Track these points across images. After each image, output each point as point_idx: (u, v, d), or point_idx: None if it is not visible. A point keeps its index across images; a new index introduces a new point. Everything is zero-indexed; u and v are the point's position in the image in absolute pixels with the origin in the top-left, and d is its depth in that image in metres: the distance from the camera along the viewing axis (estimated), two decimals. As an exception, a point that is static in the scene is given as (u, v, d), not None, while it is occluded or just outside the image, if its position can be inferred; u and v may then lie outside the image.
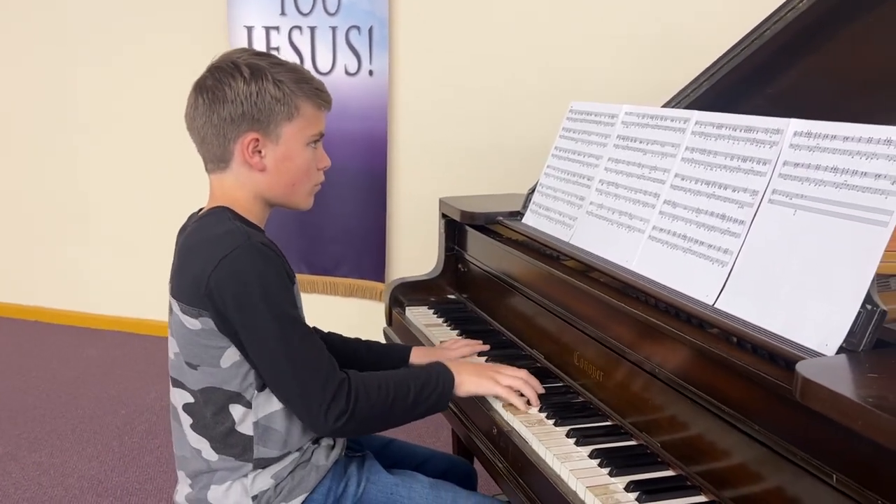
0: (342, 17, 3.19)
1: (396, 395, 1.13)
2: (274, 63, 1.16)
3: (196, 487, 1.16)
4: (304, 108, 1.17)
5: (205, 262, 1.08)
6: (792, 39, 1.32)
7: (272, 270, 1.08)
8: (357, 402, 1.09)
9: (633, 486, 1.01)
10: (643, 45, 2.76)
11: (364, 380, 1.12)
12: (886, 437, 0.68)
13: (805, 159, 1.00)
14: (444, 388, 1.19)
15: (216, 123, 1.14)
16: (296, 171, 1.19)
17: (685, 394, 1.04)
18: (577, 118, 1.57)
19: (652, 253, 1.21)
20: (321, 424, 1.08)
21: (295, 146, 1.17)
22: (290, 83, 1.15)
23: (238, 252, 1.07)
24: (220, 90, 1.13)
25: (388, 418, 1.15)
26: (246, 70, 1.13)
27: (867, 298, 0.85)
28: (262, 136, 1.15)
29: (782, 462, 0.87)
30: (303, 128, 1.17)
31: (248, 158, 1.15)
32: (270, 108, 1.13)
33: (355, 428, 1.11)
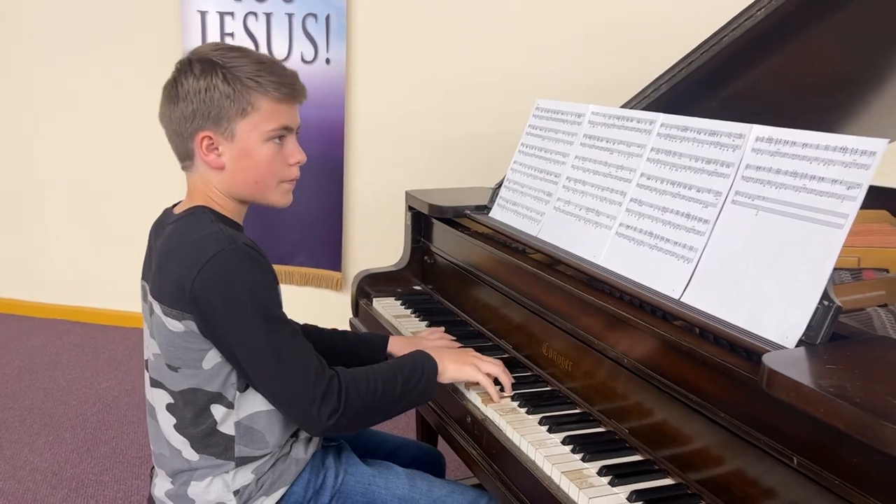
0: (299, 5, 3.17)
1: (385, 388, 1.15)
2: (234, 57, 1.13)
3: (176, 484, 1.17)
4: (258, 103, 1.13)
5: (189, 265, 1.07)
6: (747, 46, 1.39)
7: (259, 272, 1.09)
8: (348, 398, 1.10)
9: (605, 470, 1.06)
10: (601, 41, 2.83)
11: (353, 376, 1.13)
12: (845, 424, 0.75)
13: (766, 163, 1.06)
14: (429, 376, 1.21)
15: (174, 121, 1.14)
16: (255, 168, 1.16)
17: (652, 382, 1.10)
18: (543, 116, 1.61)
19: (619, 248, 1.27)
20: (314, 423, 1.09)
21: (252, 142, 1.14)
22: (244, 78, 1.11)
23: (224, 255, 1.07)
24: (175, 87, 1.12)
25: (379, 412, 1.17)
26: (198, 66, 1.12)
27: (824, 295, 0.92)
28: (214, 133, 1.13)
29: (744, 445, 0.94)
30: (258, 123, 1.14)
31: (205, 157, 1.14)
32: (220, 105, 1.11)
33: (348, 424, 1.12)
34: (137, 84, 3.38)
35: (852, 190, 0.94)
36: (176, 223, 1.17)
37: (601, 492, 1.02)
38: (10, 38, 3.52)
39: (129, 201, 3.55)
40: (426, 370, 1.21)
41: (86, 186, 3.59)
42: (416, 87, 3.13)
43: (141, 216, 3.56)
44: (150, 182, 3.49)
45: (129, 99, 3.43)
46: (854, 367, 0.85)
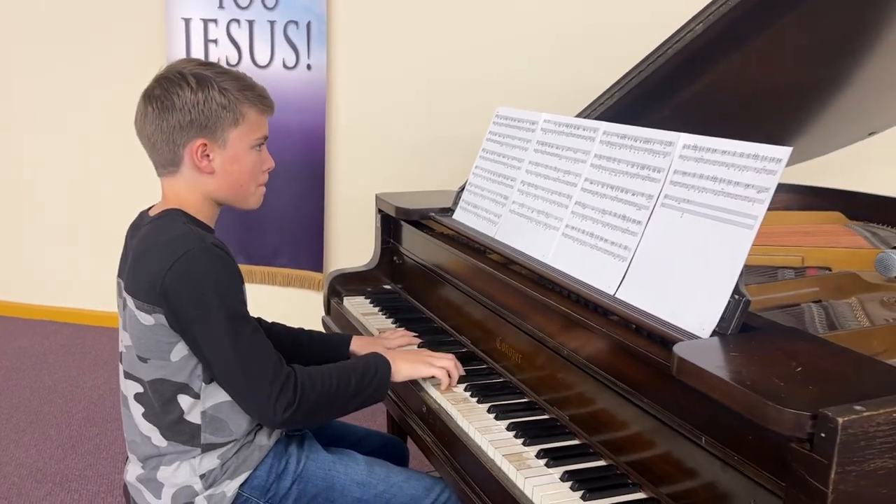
0: (280, 12, 3.25)
1: (339, 385, 1.23)
2: (219, 72, 1.24)
3: (147, 468, 1.25)
4: (248, 114, 1.25)
5: (160, 262, 1.15)
6: (689, 58, 1.47)
7: (225, 271, 1.17)
8: (303, 393, 1.18)
9: (542, 453, 1.15)
10: (570, 46, 2.92)
11: (309, 373, 1.22)
12: (737, 404, 0.83)
13: (691, 169, 1.15)
14: (381, 376, 1.30)
15: (166, 130, 1.22)
16: (242, 172, 1.27)
17: (589, 373, 1.19)
18: (502, 122, 1.70)
19: (564, 248, 1.36)
20: (270, 416, 1.17)
21: (241, 150, 1.26)
22: (235, 91, 1.23)
23: (193, 253, 1.15)
24: (168, 99, 1.20)
25: (333, 408, 1.25)
26: (192, 79, 1.21)
27: (736, 289, 1.01)
28: (209, 141, 1.23)
29: (664, 429, 1.03)
30: (247, 132, 1.26)
31: (198, 162, 1.23)
32: (217, 115, 1.22)
33: (302, 419, 1.20)
34: (123, 89, 3.44)
35: (761, 194, 1.03)
36: (151, 224, 1.25)
37: (537, 472, 1.11)
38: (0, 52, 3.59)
39: (116, 205, 3.61)
40: (379, 370, 1.30)
41: (73, 190, 3.66)
42: (394, 91, 3.22)
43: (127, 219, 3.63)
44: (135, 185, 3.56)
45: (114, 103, 3.50)
46: (754, 354, 0.94)
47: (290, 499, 1.26)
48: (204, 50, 3.33)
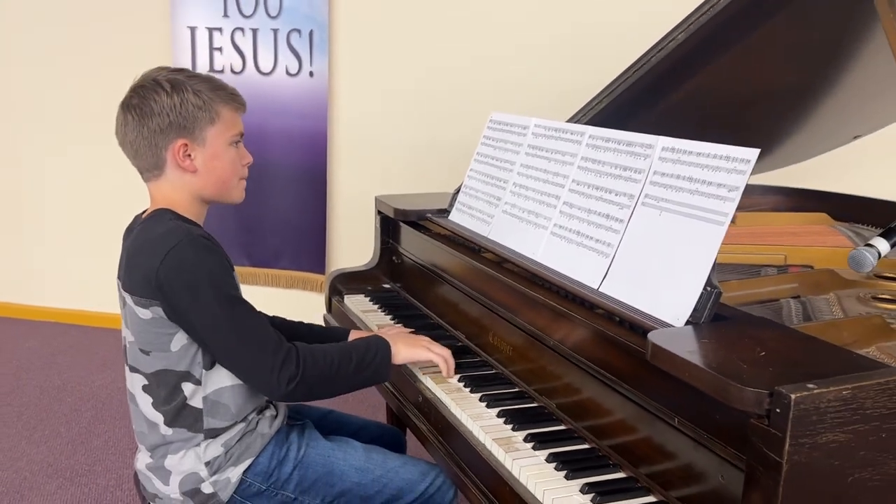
0: (283, 20, 3.34)
1: (341, 363, 1.30)
2: (190, 76, 1.31)
3: (155, 457, 1.32)
4: (223, 112, 1.31)
5: (152, 258, 1.22)
6: (672, 66, 1.55)
7: (213, 258, 1.24)
8: (305, 367, 1.25)
9: (529, 437, 1.22)
10: (562, 54, 3.00)
11: (310, 349, 1.29)
12: (704, 384, 0.91)
13: (669, 170, 1.22)
14: (382, 356, 1.36)
15: (147, 136, 1.29)
16: (223, 168, 1.34)
17: (575, 362, 1.26)
18: (495, 127, 1.77)
19: (553, 246, 1.43)
20: (275, 388, 1.24)
21: (219, 146, 1.32)
22: (208, 91, 1.30)
23: (181, 246, 1.22)
24: (146, 106, 1.28)
25: (335, 383, 1.31)
26: (167, 84, 1.28)
27: (708, 281, 1.08)
28: (189, 141, 1.29)
29: (642, 412, 1.10)
30: (224, 130, 1.32)
31: (181, 162, 1.30)
32: (194, 116, 1.28)
33: (305, 392, 1.27)
34: (130, 96, 3.53)
35: (732, 192, 1.10)
36: (141, 224, 1.33)
37: (524, 454, 1.18)
38: (4, 49, 3.67)
39: (121, 209, 3.69)
40: (380, 351, 1.37)
41: (79, 195, 3.75)
42: (394, 97, 3.30)
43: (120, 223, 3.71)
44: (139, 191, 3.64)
45: (121, 110, 3.59)
46: (723, 340, 1.01)
47: (291, 484, 1.33)
48: (209, 58, 3.42)
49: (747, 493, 0.87)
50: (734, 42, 1.54)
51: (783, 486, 0.83)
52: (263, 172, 3.31)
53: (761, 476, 0.85)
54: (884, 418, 0.87)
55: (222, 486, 1.28)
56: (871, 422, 0.86)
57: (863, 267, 1.42)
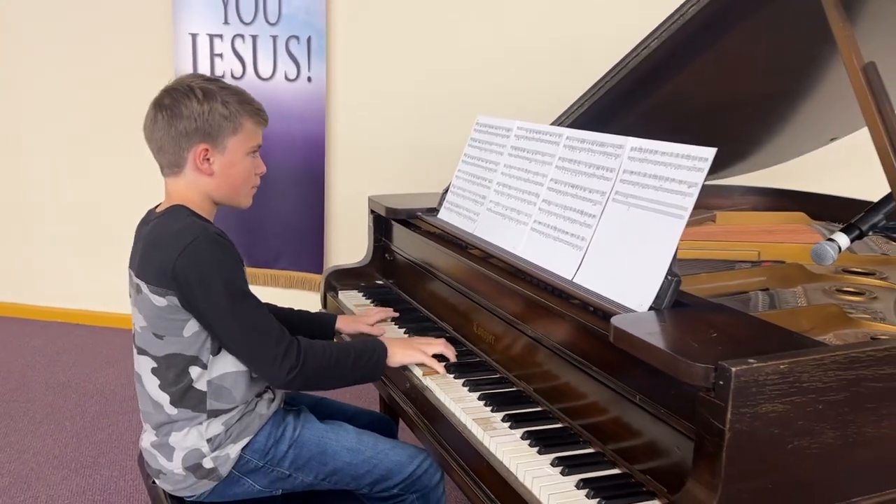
0: (282, 27, 3.43)
1: (339, 358, 1.41)
2: (222, 87, 1.41)
3: (160, 435, 1.41)
4: (246, 125, 1.42)
5: (170, 250, 1.32)
6: (648, 71, 1.64)
7: (226, 255, 1.34)
8: (306, 359, 1.35)
9: (506, 417, 1.31)
10: (551, 59, 3.10)
11: (311, 343, 1.39)
12: (657, 361, 0.99)
13: (637, 168, 1.31)
14: (378, 357, 1.47)
15: (173, 136, 1.38)
16: (237, 175, 1.44)
17: (551, 349, 1.34)
18: (481, 130, 1.87)
19: (533, 241, 1.52)
20: (275, 376, 1.34)
21: (238, 155, 1.42)
22: (235, 104, 1.40)
23: (198, 241, 1.32)
24: (177, 108, 1.37)
25: (332, 376, 1.42)
26: (199, 92, 1.38)
27: (669, 270, 1.17)
28: (211, 146, 1.39)
29: (608, 392, 1.19)
30: (244, 140, 1.42)
31: (199, 165, 1.40)
32: (219, 124, 1.38)
33: (303, 382, 1.37)
34: (134, 102, 3.63)
35: (691, 188, 1.19)
36: (159, 218, 1.41)
37: (501, 433, 1.27)
38: (8, 55, 3.77)
39: (125, 210, 3.79)
40: (377, 352, 1.47)
41: (83, 197, 3.84)
42: (390, 102, 3.40)
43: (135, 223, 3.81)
44: (141, 191, 3.75)
45: (126, 116, 3.68)
46: (679, 323, 1.10)
47: (286, 461, 1.42)
48: (210, 64, 3.52)
49: (696, 459, 0.96)
50: (705, 49, 1.63)
51: (726, 451, 0.92)
52: (264, 176, 3.40)
53: (707, 443, 0.94)
54: (819, 391, 0.96)
55: (222, 462, 1.37)
56: (807, 394, 0.95)
57: (824, 260, 1.51)
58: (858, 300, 1.56)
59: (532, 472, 1.14)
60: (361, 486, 1.46)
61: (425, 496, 1.50)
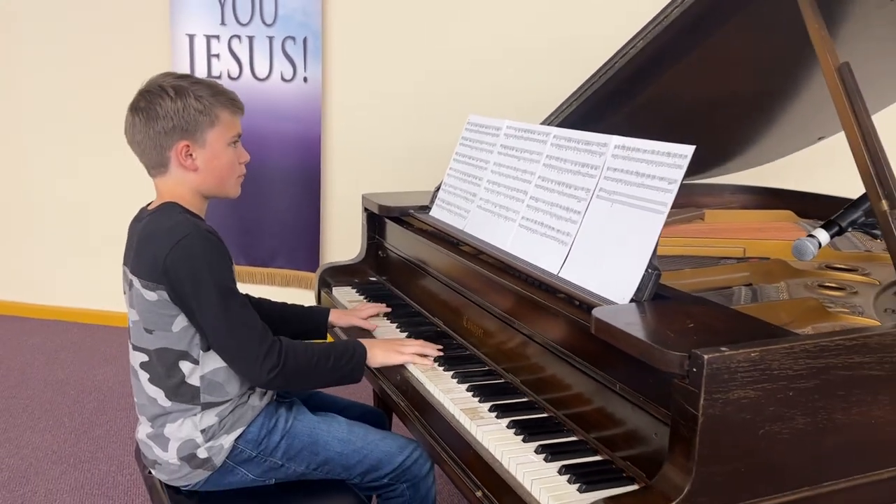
0: (279, 28, 3.47)
1: (319, 360, 1.44)
2: (193, 82, 1.43)
3: (155, 426, 1.45)
4: (222, 116, 1.44)
5: (162, 246, 1.35)
6: (634, 72, 1.68)
7: (216, 253, 1.37)
8: (286, 360, 1.38)
9: (493, 407, 1.35)
10: (542, 61, 3.14)
11: (293, 344, 1.42)
12: (635, 350, 1.03)
13: (621, 166, 1.35)
14: (358, 360, 1.50)
15: (153, 136, 1.41)
16: (222, 167, 1.46)
17: (538, 342, 1.38)
18: (472, 129, 1.90)
19: (521, 237, 1.56)
20: (256, 376, 1.37)
21: (219, 147, 1.45)
22: (209, 96, 1.42)
23: (189, 238, 1.35)
24: (152, 109, 1.40)
25: (311, 378, 1.45)
26: (171, 90, 1.41)
27: (650, 264, 1.21)
28: (191, 142, 1.42)
29: (591, 382, 1.22)
30: (223, 132, 1.45)
31: (183, 162, 1.43)
32: (196, 119, 1.41)
33: (283, 382, 1.40)
34: (128, 100, 3.68)
35: (671, 185, 1.23)
36: (151, 215, 1.45)
37: (488, 422, 1.30)
38: (6, 54, 3.81)
39: (121, 208, 3.83)
40: (356, 354, 1.50)
41: (79, 197, 3.88)
42: (385, 102, 3.44)
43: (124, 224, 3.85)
44: (137, 190, 3.78)
45: (120, 113, 3.72)
46: (658, 315, 1.14)
47: (279, 451, 1.45)
48: (207, 64, 3.56)
49: (672, 444, 1.00)
50: (690, 50, 1.67)
51: (699, 435, 0.95)
52: (260, 175, 3.44)
53: (682, 428, 0.98)
54: (790, 379, 1.00)
55: (216, 452, 1.41)
56: (778, 381, 0.99)
57: (805, 255, 1.55)
58: (839, 295, 1.60)
59: (516, 459, 1.18)
60: (353, 476, 1.50)
61: (415, 486, 1.54)
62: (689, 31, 1.57)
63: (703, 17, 1.53)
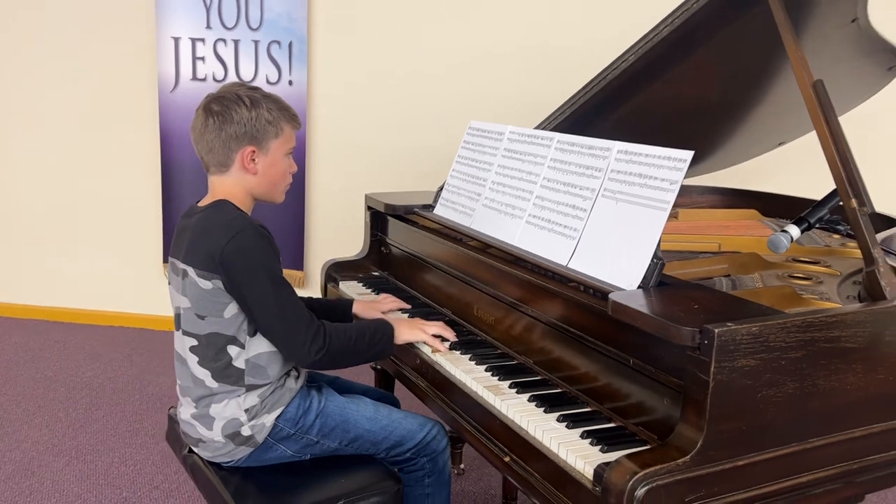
0: (264, 33, 3.57)
1: (358, 339, 1.58)
2: (264, 95, 1.57)
3: (200, 407, 1.57)
4: (285, 129, 1.59)
5: (219, 239, 1.48)
6: (624, 83, 1.85)
7: (268, 246, 1.50)
8: (331, 340, 1.52)
9: (513, 385, 1.50)
10: (530, 63, 3.32)
11: (335, 327, 1.56)
12: (650, 327, 1.20)
13: (624, 168, 1.52)
14: (387, 337, 1.65)
15: (224, 139, 1.54)
16: (277, 174, 1.61)
17: (549, 325, 1.54)
18: (474, 133, 2.06)
19: (528, 233, 1.71)
20: (304, 357, 1.51)
21: (278, 156, 1.60)
22: (276, 111, 1.57)
23: (245, 233, 1.48)
24: (227, 114, 1.53)
25: (352, 355, 1.59)
26: (247, 100, 1.54)
27: (654, 254, 1.38)
28: (257, 148, 1.56)
29: (604, 358, 1.39)
30: (284, 143, 1.60)
31: (246, 165, 1.56)
32: (265, 129, 1.55)
33: (329, 361, 1.54)
34: (118, 102, 3.75)
35: (673, 185, 1.40)
36: (205, 210, 1.56)
37: (510, 397, 1.46)
38: None
39: (103, 210, 3.88)
40: (386, 332, 1.65)
41: (61, 197, 3.91)
42: (369, 105, 3.57)
43: (112, 225, 3.92)
44: (121, 193, 3.85)
45: (110, 115, 3.79)
46: (666, 298, 1.30)
47: (314, 429, 1.58)
48: (192, 66, 3.63)
49: (685, 406, 1.17)
50: (673, 64, 1.85)
51: (710, 398, 1.12)
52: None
53: (694, 393, 1.15)
54: (783, 349, 1.18)
55: (258, 430, 1.53)
56: (773, 352, 1.17)
57: (779, 248, 1.75)
58: (807, 284, 1.79)
59: (542, 426, 1.34)
60: (379, 451, 1.64)
61: (433, 459, 1.68)
62: (676, 46, 1.75)
63: (689, 34, 1.72)
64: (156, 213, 3.77)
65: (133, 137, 3.77)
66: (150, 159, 3.74)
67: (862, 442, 1.30)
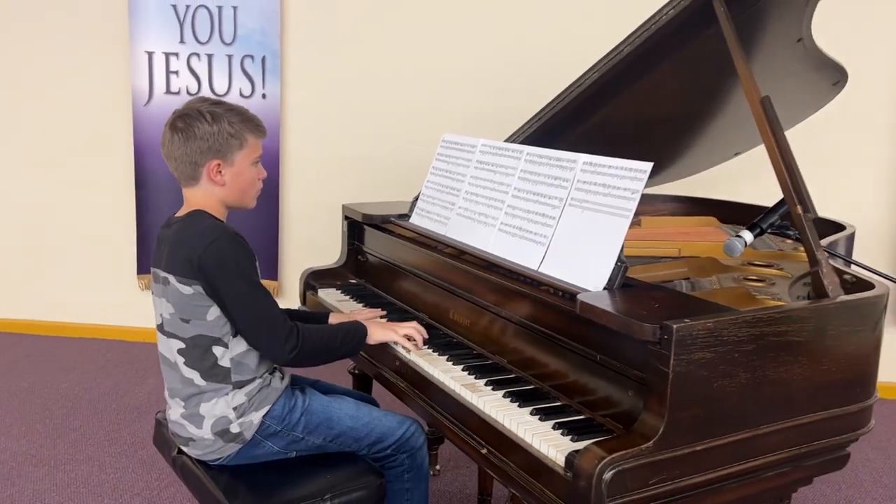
0: (237, 47, 3.64)
1: (329, 339, 1.67)
2: (227, 109, 1.64)
3: (189, 406, 1.63)
4: (249, 139, 1.66)
5: (196, 246, 1.55)
6: (588, 98, 1.97)
7: (243, 251, 1.58)
8: (304, 340, 1.60)
9: (489, 382, 1.60)
10: (500, 78, 3.44)
11: (307, 327, 1.64)
12: (615, 324, 1.30)
13: (589, 178, 1.63)
14: (359, 336, 1.73)
15: (189, 154, 1.61)
16: (245, 183, 1.69)
17: (521, 325, 1.64)
18: (447, 146, 2.16)
19: (501, 240, 1.81)
20: (279, 355, 1.59)
21: (244, 166, 1.67)
22: (239, 123, 1.64)
23: (221, 239, 1.56)
24: (190, 130, 1.60)
25: (324, 354, 1.67)
26: (209, 115, 1.61)
27: (618, 258, 1.49)
28: (222, 161, 1.63)
29: (573, 355, 1.49)
30: (249, 153, 1.67)
31: (213, 177, 1.64)
32: (228, 142, 1.62)
33: (302, 359, 1.62)
34: (92, 116, 3.78)
35: (634, 194, 1.51)
36: (181, 220, 1.64)
37: (486, 394, 1.55)
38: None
39: (72, 224, 3.90)
40: (358, 332, 1.74)
41: (39, 212, 3.92)
42: (341, 117, 3.67)
43: (79, 238, 3.94)
44: (95, 207, 3.88)
45: (83, 129, 3.82)
46: (629, 298, 1.41)
47: (300, 426, 1.66)
48: (166, 80, 3.69)
49: (647, 397, 1.27)
50: (635, 80, 1.97)
51: (670, 388, 1.23)
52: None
53: (656, 384, 1.25)
54: (735, 343, 1.29)
55: (247, 427, 1.61)
56: (726, 345, 1.28)
57: (734, 252, 1.87)
58: (761, 286, 1.92)
59: (516, 419, 1.43)
60: (361, 448, 1.72)
61: (412, 455, 1.77)
62: (636, 64, 1.87)
63: (648, 54, 1.84)
64: (130, 225, 3.80)
65: (107, 150, 3.80)
66: (124, 172, 3.78)
67: (808, 428, 1.42)
